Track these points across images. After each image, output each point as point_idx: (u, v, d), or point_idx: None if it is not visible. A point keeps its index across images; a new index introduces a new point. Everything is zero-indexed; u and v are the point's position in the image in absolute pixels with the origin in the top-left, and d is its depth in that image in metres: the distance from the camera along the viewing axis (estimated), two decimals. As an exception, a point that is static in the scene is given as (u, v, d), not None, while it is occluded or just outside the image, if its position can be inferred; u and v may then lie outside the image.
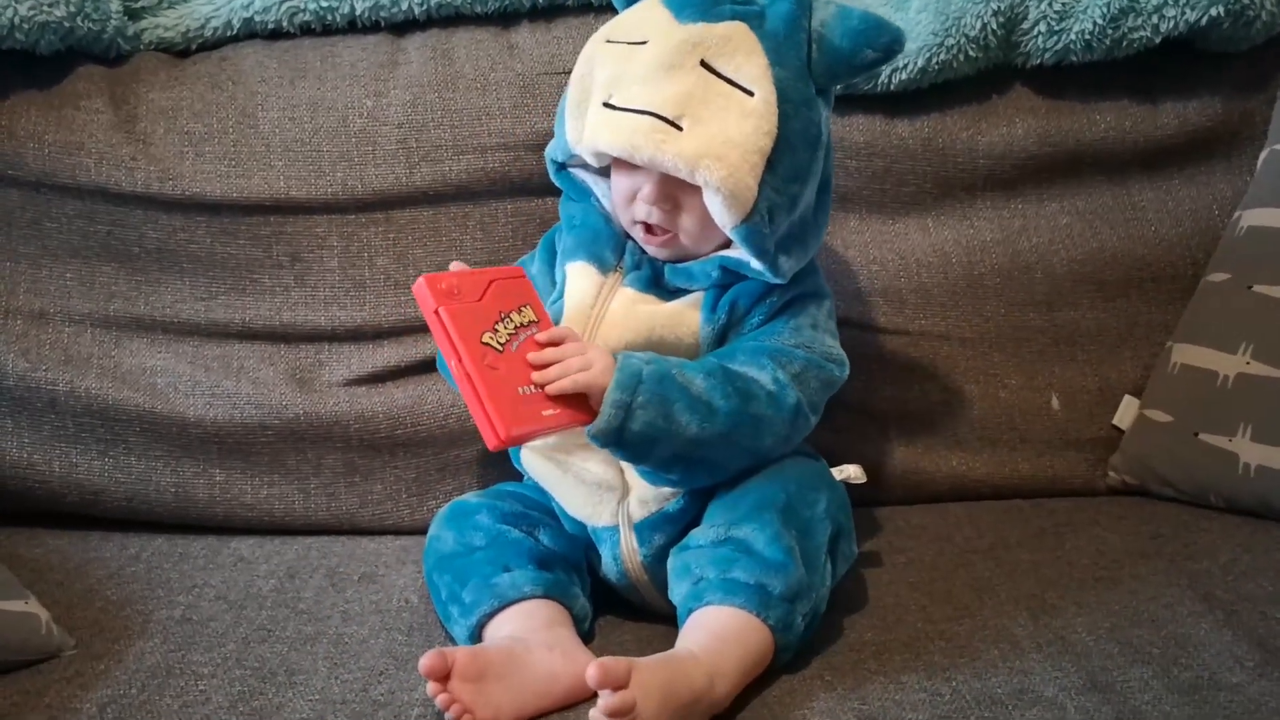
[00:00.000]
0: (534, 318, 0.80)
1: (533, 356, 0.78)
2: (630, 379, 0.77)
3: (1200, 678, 0.75)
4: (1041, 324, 1.09)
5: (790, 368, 0.84)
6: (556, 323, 0.86)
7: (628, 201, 0.85)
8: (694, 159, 0.78)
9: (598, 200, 0.91)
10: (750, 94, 0.79)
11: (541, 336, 0.79)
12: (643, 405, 0.77)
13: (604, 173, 0.89)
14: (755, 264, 0.83)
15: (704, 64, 0.79)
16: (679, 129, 0.78)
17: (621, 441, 0.78)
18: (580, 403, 0.79)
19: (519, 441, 0.80)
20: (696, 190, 0.81)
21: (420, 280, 0.77)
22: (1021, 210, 1.11)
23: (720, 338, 0.86)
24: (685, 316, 0.86)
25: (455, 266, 0.81)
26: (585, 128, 0.84)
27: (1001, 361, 1.09)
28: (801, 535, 0.81)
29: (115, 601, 0.91)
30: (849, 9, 0.83)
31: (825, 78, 0.83)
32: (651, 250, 0.87)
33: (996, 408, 1.08)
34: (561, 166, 0.91)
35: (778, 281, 0.85)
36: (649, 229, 0.85)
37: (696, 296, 0.86)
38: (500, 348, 0.77)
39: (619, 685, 0.68)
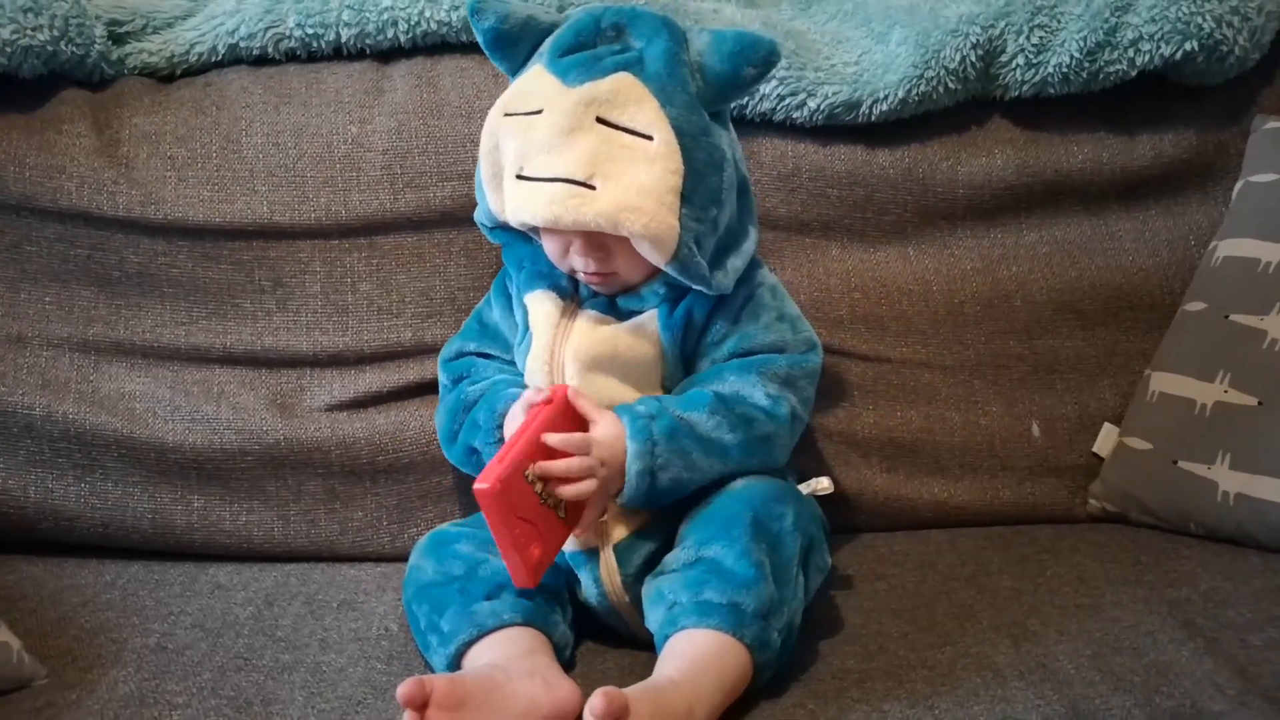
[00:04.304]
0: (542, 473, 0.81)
1: (541, 469, 0.80)
2: (645, 445, 0.82)
3: (1182, 706, 0.75)
4: (1021, 352, 1.10)
5: (777, 377, 0.88)
6: (526, 352, 0.90)
7: (562, 256, 0.88)
8: (613, 214, 0.81)
9: (540, 244, 0.92)
10: (650, 139, 0.82)
11: (557, 467, 0.81)
12: (663, 466, 0.83)
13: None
14: (695, 286, 0.86)
15: (600, 120, 0.82)
16: (592, 189, 0.81)
17: (650, 499, 0.84)
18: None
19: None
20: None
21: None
22: (1001, 240, 1.12)
23: (681, 343, 0.89)
24: (645, 329, 0.89)
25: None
26: (505, 201, 0.86)
27: (982, 389, 1.09)
28: (771, 549, 0.81)
29: (89, 629, 0.90)
30: (721, 33, 0.86)
31: (715, 102, 0.86)
32: (596, 288, 0.90)
33: (977, 435, 1.08)
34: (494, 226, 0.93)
35: (722, 293, 0.88)
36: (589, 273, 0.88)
37: (652, 312, 0.89)
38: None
39: (622, 717, 0.68)
